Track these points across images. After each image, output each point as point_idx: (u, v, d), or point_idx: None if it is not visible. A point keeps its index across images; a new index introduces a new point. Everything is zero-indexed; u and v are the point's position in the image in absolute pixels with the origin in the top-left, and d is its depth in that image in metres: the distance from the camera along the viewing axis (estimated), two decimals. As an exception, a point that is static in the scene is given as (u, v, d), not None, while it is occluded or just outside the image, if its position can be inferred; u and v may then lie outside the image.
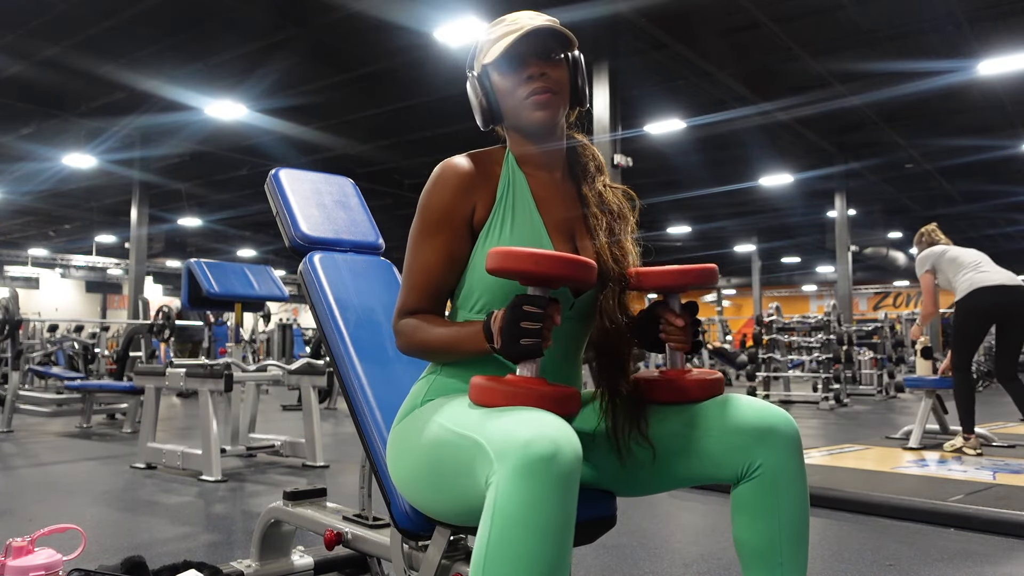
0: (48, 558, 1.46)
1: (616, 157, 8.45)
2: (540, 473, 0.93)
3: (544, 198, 1.30)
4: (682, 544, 2.70)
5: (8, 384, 6.38)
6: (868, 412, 8.22)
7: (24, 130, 12.00)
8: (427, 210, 1.25)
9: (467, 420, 1.09)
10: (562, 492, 0.94)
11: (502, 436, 0.99)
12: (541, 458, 0.94)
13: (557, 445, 0.95)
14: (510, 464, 0.95)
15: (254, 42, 8.90)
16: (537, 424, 0.98)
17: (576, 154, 1.37)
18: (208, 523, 3.01)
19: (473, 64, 1.34)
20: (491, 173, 1.28)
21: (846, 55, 9.18)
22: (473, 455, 1.03)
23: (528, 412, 1.02)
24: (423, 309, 1.26)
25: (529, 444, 0.95)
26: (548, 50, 1.26)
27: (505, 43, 1.24)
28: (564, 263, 1.07)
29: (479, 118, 1.32)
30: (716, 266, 1.25)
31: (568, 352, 1.27)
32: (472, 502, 1.05)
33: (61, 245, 23.64)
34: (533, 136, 1.30)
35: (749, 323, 17.97)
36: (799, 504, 1.18)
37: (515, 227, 1.25)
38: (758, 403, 1.21)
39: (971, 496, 3.11)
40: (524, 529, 0.92)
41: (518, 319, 1.07)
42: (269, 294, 4.90)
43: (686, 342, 1.24)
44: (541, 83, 1.25)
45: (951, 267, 4.43)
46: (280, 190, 1.84)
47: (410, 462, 1.20)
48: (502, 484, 0.95)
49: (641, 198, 1.38)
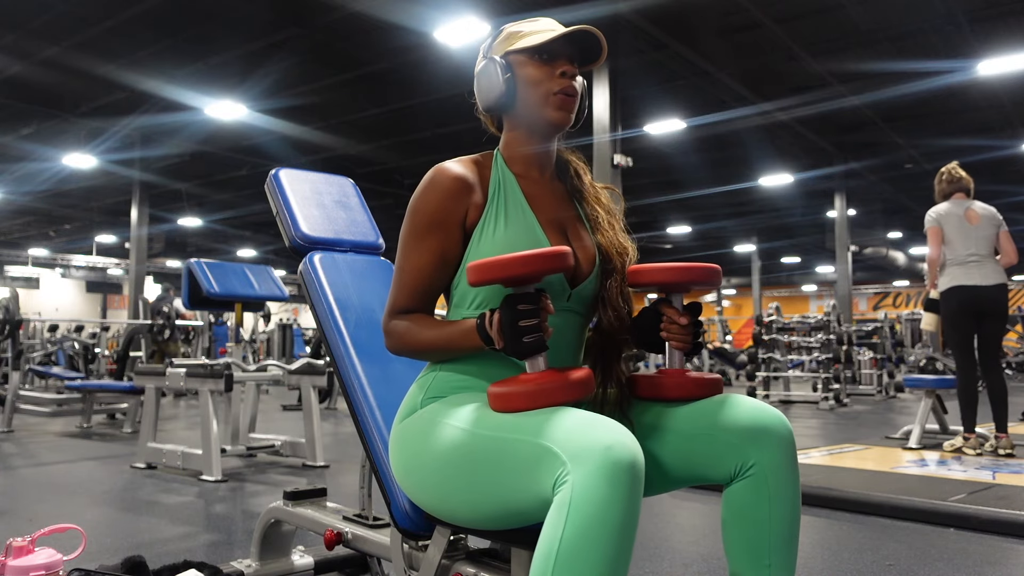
0: (48, 558, 1.45)
1: (616, 157, 8.43)
2: (620, 476, 0.97)
3: (535, 196, 1.32)
4: (682, 544, 2.70)
5: (8, 384, 6.38)
6: (868, 412, 8.22)
7: (24, 130, 12.00)
8: (419, 213, 1.26)
9: (513, 423, 1.09)
10: (636, 494, 0.99)
11: (577, 439, 1.01)
12: (621, 463, 0.98)
13: (634, 453, 1.00)
14: (591, 466, 0.98)
15: (254, 42, 8.90)
16: (615, 431, 1.02)
17: (562, 159, 1.41)
18: (208, 523, 3.01)
19: (493, 48, 1.34)
20: (482, 176, 1.30)
21: (846, 55, 9.18)
22: (535, 457, 1.04)
23: (593, 416, 1.05)
24: (414, 308, 1.27)
25: (611, 448, 0.99)
26: (583, 57, 1.30)
27: (551, 35, 1.26)
28: (534, 260, 1.09)
29: (486, 101, 1.31)
30: (719, 267, 1.26)
31: (570, 343, 1.28)
32: (519, 503, 1.07)
33: (61, 245, 23.64)
34: (540, 133, 1.32)
35: (749, 323, 17.97)
36: (791, 506, 1.18)
37: (509, 225, 1.26)
38: (752, 403, 1.21)
39: (971, 496, 3.11)
40: (602, 528, 0.96)
41: (515, 319, 1.09)
42: (269, 294, 4.90)
43: (687, 341, 1.25)
44: (571, 84, 1.27)
45: (947, 247, 4.44)
46: (280, 190, 1.84)
47: (421, 465, 1.20)
48: (580, 483, 0.97)
49: (641, 198, 1.40)
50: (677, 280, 1.25)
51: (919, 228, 4.86)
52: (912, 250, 22.20)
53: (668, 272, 1.25)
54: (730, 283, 30.15)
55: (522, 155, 1.33)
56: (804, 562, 2.37)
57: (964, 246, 4.38)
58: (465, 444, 1.14)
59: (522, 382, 1.11)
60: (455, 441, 1.15)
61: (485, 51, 1.35)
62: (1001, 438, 4.31)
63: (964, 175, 4.58)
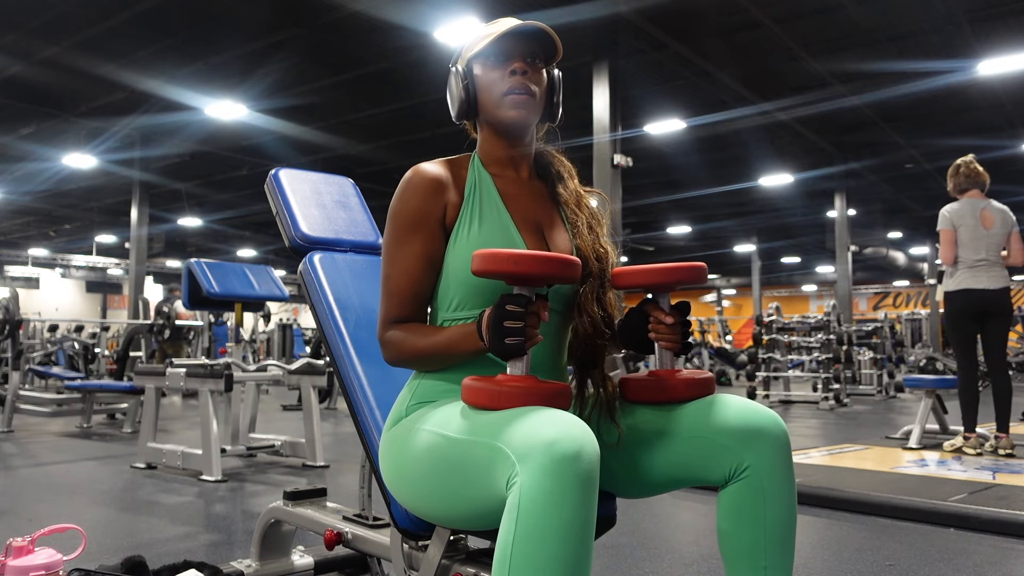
0: (48, 558, 1.45)
1: (616, 157, 8.42)
2: (566, 472, 0.95)
3: (511, 195, 1.32)
4: (682, 544, 2.70)
5: (8, 384, 6.38)
6: (868, 412, 8.22)
7: (24, 130, 12.00)
8: (400, 216, 1.26)
9: (474, 425, 1.09)
10: (586, 490, 0.96)
11: (523, 437, 1.00)
12: (566, 457, 0.95)
13: (580, 444, 0.97)
14: (535, 464, 0.96)
15: (254, 42, 8.90)
16: (560, 424, 1.00)
17: (544, 159, 1.40)
18: (208, 523, 3.01)
19: (457, 60, 1.36)
20: (458, 176, 1.31)
21: (846, 55, 9.18)
22: (490, 459, 1.03)
23: (546, 412, 1.04)
24: (407, 317, 1.27)
25: (553, 443, 0.96)
26: (533, 53, 1.29)
27: (492, 37, 1.27)
28: (546, 262, 1.08)
29: (454, 110, 1.34)
30: (704, 264, 1.25)
31: (549, 339, 1.27)
32: (486, 505, 1.06)
33: (61, 245, 23.64)
34: (505, 134, 1.32)
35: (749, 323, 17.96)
36: (786, 507, 1.17)
37: (483, 224, 1.26)
38: (747, 404, 1.21)
39: (971, 496, 3.11)
40: (550, 527, 0.94)
41: (502, 318, 1.08)
42: (269, 294, 4.90)
43: (675, 341, 1.24)
44: (522, 80, 1.27)
45: (958, 248, 4.37)
46: (280, 190, 1.84)
47: (406, 472, 1.20)
48: (526, 483, 0.95)
49: (641, 198, 1.40)
50: (660, 281, 1.24)
51: (919, 228, 4.85)
52: (912, 250, 22.21)
53: (651, 274, 1.24)
54: (730, 283, 30.14)
55: (496, 155, 1.34)
56: (804, 562, 2.37)
57: (975, 251, 4.33)
58: (436, 449, 1.14)
59: (495, 381, 1.10)
60: (429, 446, 1.15)
61: (452, 61, 1.37)
62: (1001, 438, 4.31)
63: (981, 170, 4.49)
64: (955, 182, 4.55)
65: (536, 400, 1.08)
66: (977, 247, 4.33)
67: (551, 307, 1.25)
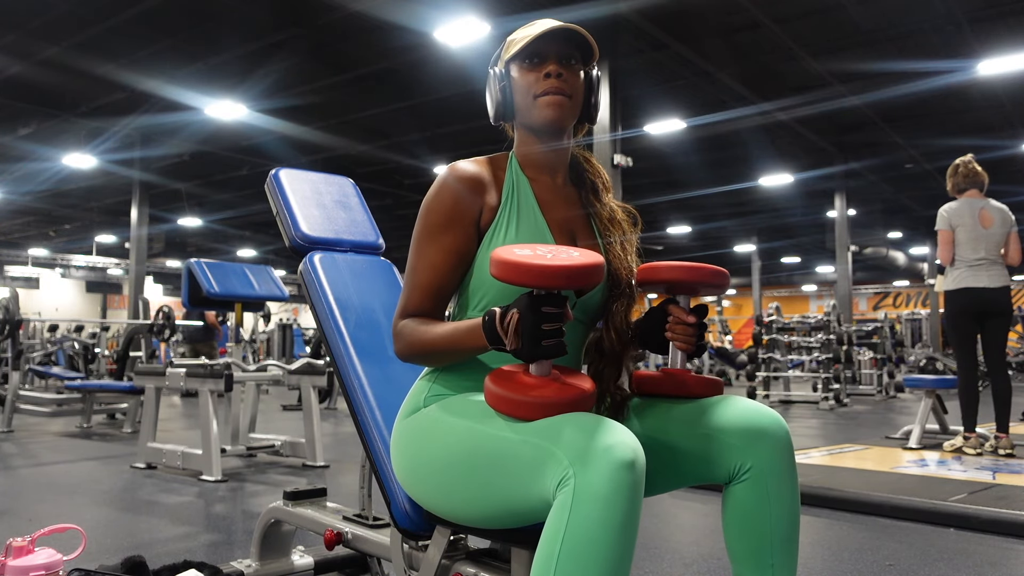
0: (48, 558, 1.45)
1: (616, 157, 8.43)
2: (622, 478, 0.98)
3: (547, 200, 1.33)
4: (682, 544, 2.70)
5: (8, 384, 6.38)
6: (868, 412, 8.22)
7: (24, 130, 11.99)
8: (435, 212, 1.27)
9: (523, 424, 1.09)
10: (635, 496, 0.99)
11: (579, 442, 1.01)
12: (623, 463, 0.98)
13: (635, 453, 1.01)
14: (592, 467, 0.98)
15: (254, 42, 8.90)
16: (615, 432, 1.02)
17: (581, 167, 1.40)
18: (208, 523, 3.01)
19: (496, 61, 1.37)
20: (496, 177, 1.31)
21: (846, 55, 9.18)
22: (539, 459, 1.04)
23: (598, 419, 1.05)
24: (424, 311, 1.27)
25: (612, 449, 0.99)
26: (568, 54, 1.30)
27: (528, 39, 1.28)
28: (570, 273, 1.04)
29: (492, 111, 1.35)
30: (727, 272, 1.27)
31: (572, 347, 1.28)
32: (521, 504, 1.07)
33: (61, 245, 23.64)
34: (541, 136, 1.33)
35: (749, 323, 17.96)
36: (790, 506, 1.19)
37: (520, 227, 1.27)
38: (749, 404, 1.22)
39: (971, 496, 3.11)
40: (604, 528, 0.96)
41: (540, 321, 1.06)
42: (269, 294, 4.90)
43: (691, 342, 1.26)
44: (556, 83, 1.27)
45: (957, 248, 4.37)
46: (280, 190, 1.84)
47: (423, 462, 1.20)
48: (582, 484, 0.98)
49: (641, 198, 1.41)
50: (686, 279, 1.26)
51: (919, 228, 4.85)
52: (912, 250, 22.20)
53: (676, 270, 1.27)
54: (730, 283, 30.12)
55: (533, 158, 1.34)
56: (804, 562, 2.37)
57: (974, 250, 4.33)
58: (468, 443, 1.14)
59: (519, 390, 1.09)
60: (458, 440, 1.15)
61: (492, 63, 1.38)
62: (1001, 438, 4.31)
63: (980, 170, 4.50)
64: (954, 182, 4.56)
65: (572, 407, 1.08)
66: (976, 246, 4.33)
67: (576, 314, 1.27)
